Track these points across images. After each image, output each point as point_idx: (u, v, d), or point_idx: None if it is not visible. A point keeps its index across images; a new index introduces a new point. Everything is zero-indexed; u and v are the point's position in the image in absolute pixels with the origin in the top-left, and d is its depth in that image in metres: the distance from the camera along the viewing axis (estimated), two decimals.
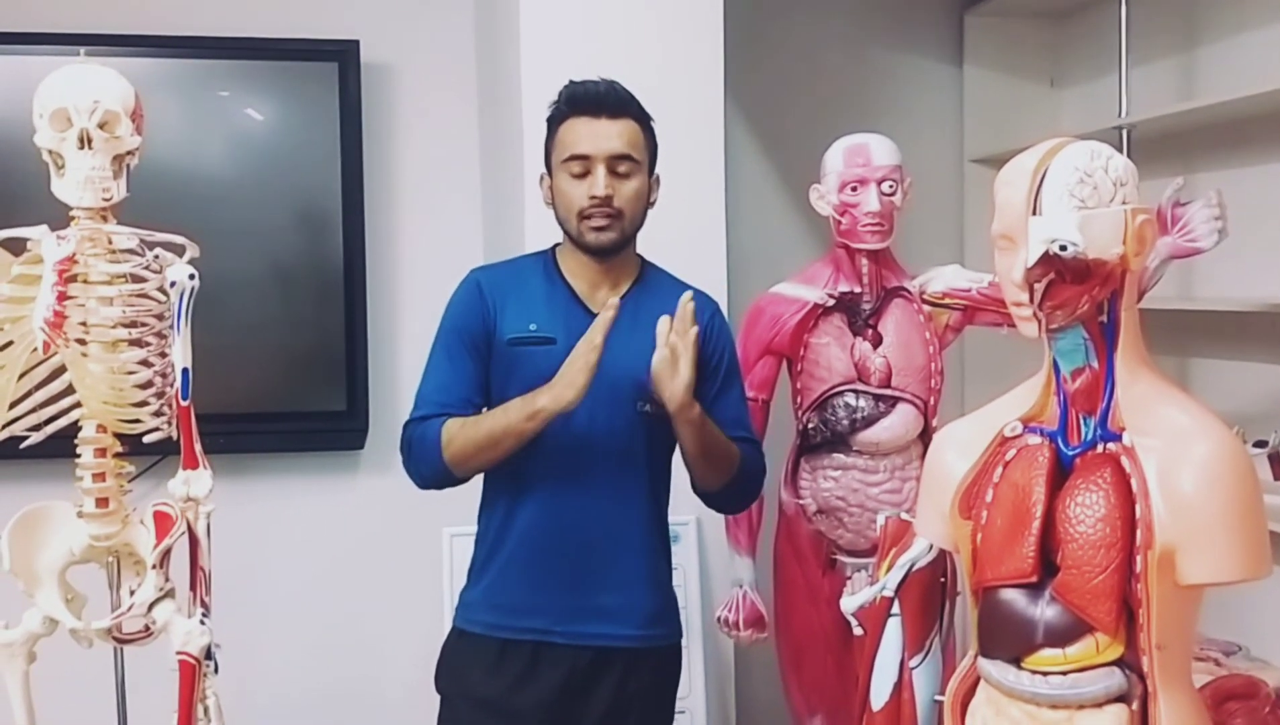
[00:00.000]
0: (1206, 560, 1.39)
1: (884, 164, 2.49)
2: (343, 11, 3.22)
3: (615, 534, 2.07)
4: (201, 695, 1.88)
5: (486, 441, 1.99)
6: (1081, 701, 1.44)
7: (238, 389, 3.05)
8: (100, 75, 1.84)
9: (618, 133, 2.03)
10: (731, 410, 2.15)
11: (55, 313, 1.78)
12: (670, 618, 2.18)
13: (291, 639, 3.19)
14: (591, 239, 2.04)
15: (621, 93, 2.07)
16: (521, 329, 2.05)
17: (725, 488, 2.13)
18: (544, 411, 1.93)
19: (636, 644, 2.09)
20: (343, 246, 3.14)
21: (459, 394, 2.06)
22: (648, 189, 2.09)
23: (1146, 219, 1.47)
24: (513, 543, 2.08)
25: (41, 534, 1.88)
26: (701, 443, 2.03)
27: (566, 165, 2.04)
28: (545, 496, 2.05)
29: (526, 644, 2.06)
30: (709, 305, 2.16)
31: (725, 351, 2.17)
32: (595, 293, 2.09)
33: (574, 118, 2.05)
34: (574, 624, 2.05)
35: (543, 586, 2.06)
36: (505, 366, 2.05)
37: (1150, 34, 3.10)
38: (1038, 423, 1.56)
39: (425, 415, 2.06)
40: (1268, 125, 2.78)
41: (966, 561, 1.57)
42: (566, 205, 2.05)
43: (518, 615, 2.07)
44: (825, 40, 3.58)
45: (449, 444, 2.01)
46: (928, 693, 1.91)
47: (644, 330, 2.02)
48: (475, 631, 2.11)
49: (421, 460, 2.05)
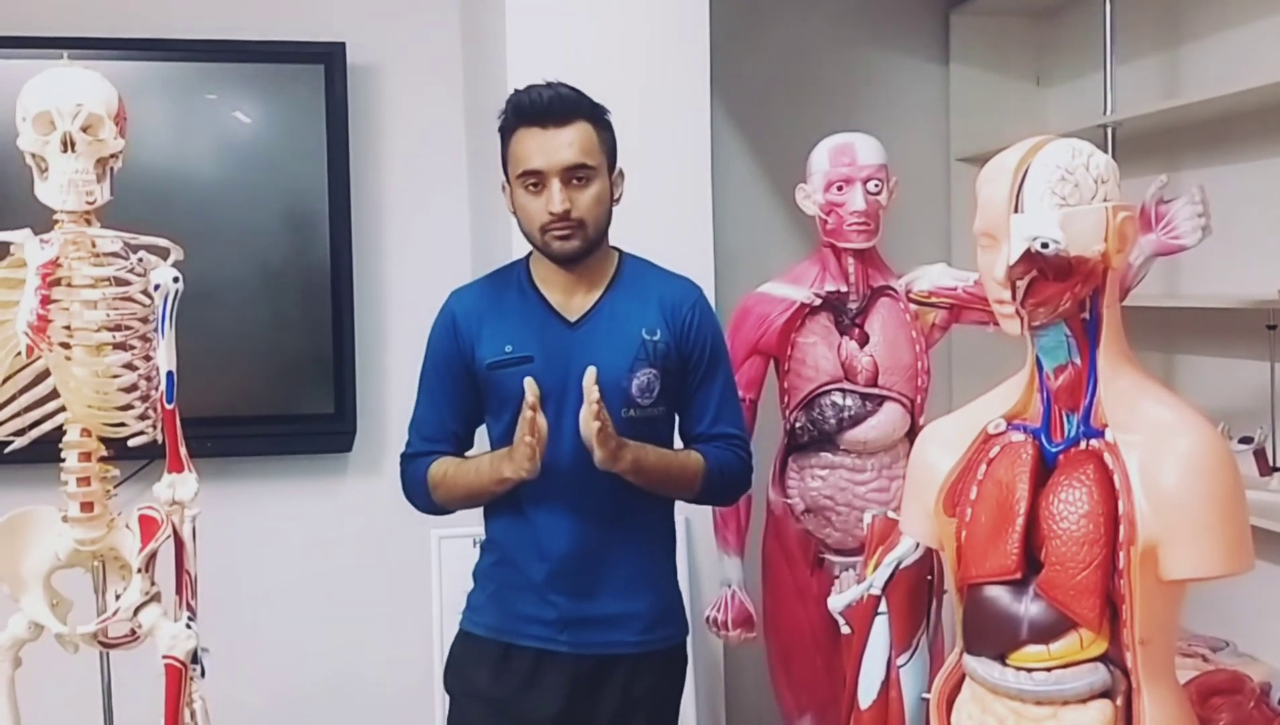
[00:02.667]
0: (1189, 555, 1.39)
1: (869, 163, 2.50)
2: (328, 14, 3.22)
3: (614, 541, 2.06)
4: (188, 699, 1.88)
5: (466, 494, 2.08)
6: (1066, 697, 1.45)
7: (224, 392, 3.04)
8: (83, 78, 1.83)
9: (568, 141, 1.99)
10: (714, 402, 2.12)
11: (39, 316, 1.78)
12: (674, 618, 2.17)
13: (279, 642, 3.19)
14: (557, 249, 2.02)
15: (568, 96, 2.01)
16: (498, 352, 2.04)
17: (696, 500, 2.16)
18: (509, 480, 1.98)
19: (639, 649, 2.09)
20: (329, 248, 3.14)
21: (441, 428, 2.11)
22: (609, 190, 2.06)
23: (1127, 216, 1.47)
24: (514, 550, 2.09)
25: (27, 539, 1.88)
26: (647, 483, 2.03)
27: (521, 180, 2.01)
28: (543, 505, 2.05)
29: (530, 650, 2.06)
30: (691, 294, 2.14)
31: (708, 341, 2.13)
32: (570, 300, 2.08)
33: (522, 129, 2.01)
34: (577, 632, 2.05)
35: (544, 595, 2.06)
36: (490, 390, 2.06)
37: (1135, 32, 3.12)
38: (1021, 420, 1.57)
39: (414, 453, 2.12)
40: (1251, 122, 2.79)
41: (951, 559, 1.57)
42: (527, 220, 2.04)
43: (521, 622, 2.07)
44: (811, 39, 3.58)
45: (435, 488, 2.09)
46: (915, 691, 1.91)
47: (624, 333, 2.02)
48: (480, 634, 2.12)
49: (416, 497, 2.13)
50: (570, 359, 2.01)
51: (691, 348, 2.10)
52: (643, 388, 2.04)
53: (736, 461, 2.15)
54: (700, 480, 2.09)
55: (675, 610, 2.18)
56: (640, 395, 2.03)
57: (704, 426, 2.12)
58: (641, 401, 2.03)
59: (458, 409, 2.11)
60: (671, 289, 2.13)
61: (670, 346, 2.07)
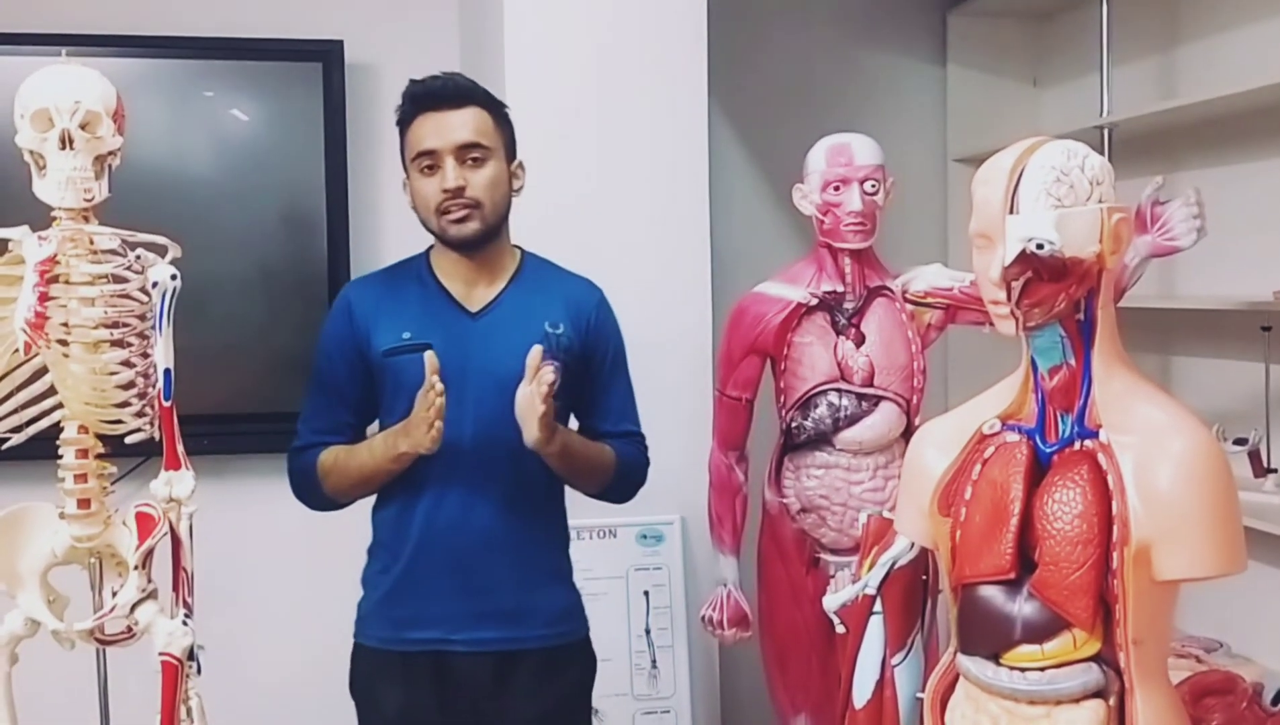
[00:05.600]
0: (1181, 556, 1.40)
1: (866, 163, 2.50)
2: (327, 12, 3.22)
3: (509, 535, 2.05)
4: (184, 696, 1.87)
5: (359, 477, 2.05)
6: (1059, 697, 1.45)
7: (221, 389, 3.05)
8: (82, 76, 1.83)
9: (462, 122, 2.02)
10: (617, 401, 2.16)
11: (36, 313, 1.78)
12: (575, 613, 2.17)
13: (275, 640, 3.19)
14: (453, 232, 2.03)
15: (463, 83, 2.06)
16: (395, 339, 2.03)
17: (602, 492, 2.16)
18: (406, 455, 1.96)
19: (544, 644, 2.08)
20: (327, 246, 3.14)
21: (332, 420, 2.10)
22: (507, 176, 2.07)
23: (1122, 218, 1.48)
24: (405, 551, 2.07)
25: (23, 535, 1.88)
26: (569, 468, 2.04)
27: (417, 162, 2.04)
28: (437, 502, 2.04)
29: (426, 656, 2.04)
30: (595, 293, 2.16)
31: (611, 342, 2.16)
32: (471, 291, 2.08)
33: (420, 116, 2.04)
34: (473, 631, 2.03)
35: (438, 595, 2.04)
36: (386, 378, 2.04)
37: (1131, 34, 3.12)
38: (1016, 420, 1.57)
39: (303, 446, 2.10)
40: (1247, 124, 2.80)
41: (945, 558, 1.58)
42: (423, 203, 2.05)
43: (414, 627, 2.05)
44: (808, 40, 3.59)
45: (325, 477, 2.07)
46: (910, 690, 1.91)
47: (527, 326, 2.02)
48: (373, 646, 2.11)
49: (305, 491, 2.11)
50: (470, 349, 2.02)
51: (596, 345, 2.12)
52: None
53: (641, 458, 2.19)
54: (613, 472, 2.11)
55: (578, 606, 2.18)
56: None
57: (610, 423, 2.14)
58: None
59: (349, 400, 2.09)
60: (575, 287, 2.15)
61: (574, 342, 2.08)
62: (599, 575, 2.86)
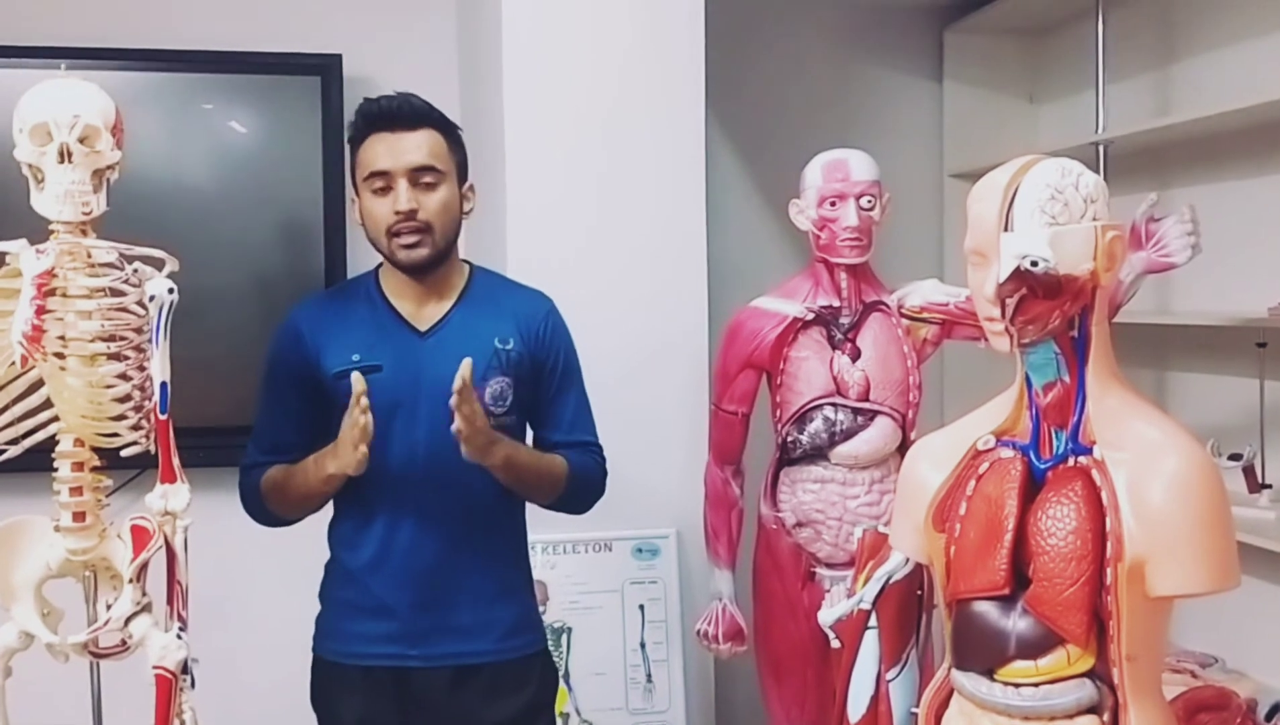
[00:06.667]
0: (1175, 572, 1.40)
1: (863, 179, 2.51)
2: (326, 26, 3.23)
3: (465, 550, 2.05)
4: (179, 710, 1.87)
5: (297, 497, 2.06)
6: (1053, 713, 1.45)
7: (218, 403, 3.03)
8: (80, 90, 1.83)
9: (416, 145, 2.01)
10: (569, 411, 2.14)
11: (33, 326, 1.78)
12: (532, 626, 2.16)
13: (270, 653, 3.17)
14: (403, 257, 2.02)
15: (418, 104, 2.04)
16: (344, 361, 2.02)
17: (556, 504, 2.15)
18: (335, 477, 1.97)
19: (497, 658, 2.08)
20: (324, 259, 3.14)
21: (280, 440, 2.09)
22: (458, 199, 2.07)
23: (1116, 235, 1.49)
24: (359, 567, 2.07)
25: (18, 548, 1.87)
26: (516, 480, 2.04)
27: (369, 183, 2.02)
28: (390, 518, 2.04)
29: (384, 670, 2.05)
30: (544, 304, 2.16)
31: (562, 352, 2.15)
32: (421, 310, 2.08)
33: (372, 135, 2.03)
34: (430, 645, 2.04)
35: (394, 610, 2.04)
36: (337, 399, 2.01)
37: (1127, 51, 3.14)
38: (1010, 436, 1.58)
39: (251, 464, 2.11)
40: (1242, 141, 2.82)
41: (940, 574, 1.58)
42: (374, 225, 2.04)
43: (371, 642, 2.05)
44: (806, 55, 3.60)
45: (268, 496, 2.08)
46: (904, 705, 1.92)
47: (477, 340, 2.01)
48: (330, 659, 2.11)
49: (253, 508, 2.12)
50: (421, 368, 2.02)
51: (546, 356, 2.11)
52: (496, 396, 2.04)
53: (596, 468, 2.17)
54: (565, 482, 2.10)
55: (533, 619, 2.17)
56: (493, 403, 2.03)
57: (562, 434, 2.13)
58: (494, 410, 2.03)
59: (297, 421, 2.09)
60: (524, 300, 2.15)
61: (524, 355, 2.08)
62: (594, 589, 2.86)
